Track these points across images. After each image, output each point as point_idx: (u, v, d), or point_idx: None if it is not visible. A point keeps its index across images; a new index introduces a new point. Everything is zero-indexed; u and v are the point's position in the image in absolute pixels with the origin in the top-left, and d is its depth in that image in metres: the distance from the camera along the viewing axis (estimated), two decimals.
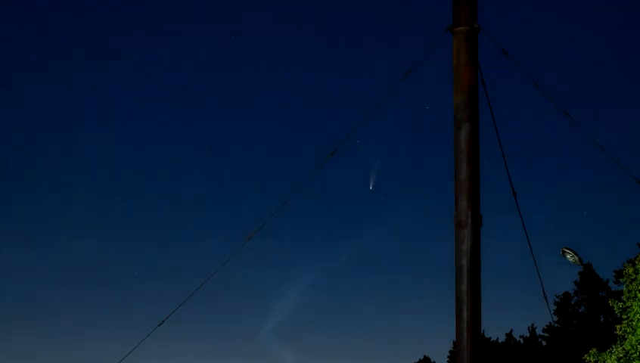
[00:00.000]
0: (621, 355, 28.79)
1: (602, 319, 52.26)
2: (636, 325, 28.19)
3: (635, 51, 72.03)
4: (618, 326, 29.15)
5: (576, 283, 53.56)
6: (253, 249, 11.27)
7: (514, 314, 78.91)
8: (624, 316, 28.90)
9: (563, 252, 16.90)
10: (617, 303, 29.38)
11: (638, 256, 29.32)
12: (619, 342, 29.17)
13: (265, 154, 75.67)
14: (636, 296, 28.36)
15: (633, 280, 28.69)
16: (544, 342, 55.16)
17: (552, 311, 53.30)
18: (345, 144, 10.98)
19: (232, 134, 74.28)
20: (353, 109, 65.63)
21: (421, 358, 62.27)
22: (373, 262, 75.59)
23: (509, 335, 56.39)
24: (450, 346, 58.39)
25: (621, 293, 30.39)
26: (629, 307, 28.71)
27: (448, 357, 59.09)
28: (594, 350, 30.31)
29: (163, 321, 11.46)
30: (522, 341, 55.88)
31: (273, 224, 11.36)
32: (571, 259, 16.86)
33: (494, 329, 57.20)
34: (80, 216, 73.30)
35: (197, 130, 74.81)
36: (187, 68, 74.00)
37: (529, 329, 55.93)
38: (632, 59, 71.65)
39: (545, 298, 12.00)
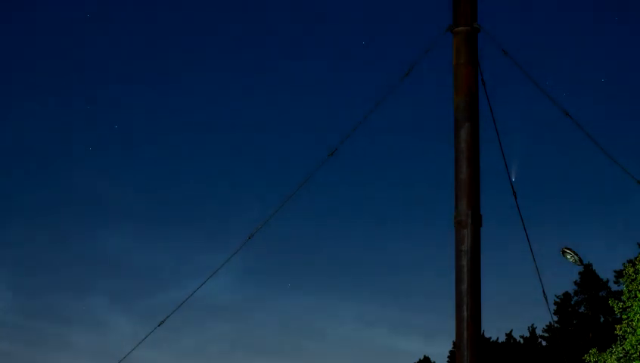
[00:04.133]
0: (621, 355, 28.77)
1: (602, 319, 52.24)
2: (636, 325, 28.16)
3: (636, 50, 72.03)
4: (618, 326, 29.12)
5: (576, 283, 53.54)
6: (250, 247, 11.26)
7: (514, 314, 78.91)
8: (624, 316, 28.87)
9: (563, 252, 16.91)
10: (617, 303, 29.35)
11: (638, 256, 29.30)
12: (619, 342, 29.14)
13: (265, 154, 75.66)
14: (636, 296, 28.34)
15: (633, 280, 28.66)
16: (544, 342, 55.15)
17: (552, 311, 53.27)
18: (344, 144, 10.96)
19: (232, 134, 74.30)
20: (353, 108, 65.59)
21: (421, 358, 62.23)
22: (373, 261, 75.57)
23: (509, 335, 56.36)
24: (450, 346, 58.40)
25: (621, 293, 30.36)
26: (629, 307, 28.68)
27: (448, 357, 59.05)
28: (594, 350, 30.29)
29: (163, 322, 11.46)
30: (522, 341, 55.86)
31: (272, 226, 11.35)
32: (571, 259, 16.86)
33: (494, 329, 57.17)
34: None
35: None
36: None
37: (529, 329, 55.92)
38: (632, 59, 71.64)
39: (545, 298, 11.99)
